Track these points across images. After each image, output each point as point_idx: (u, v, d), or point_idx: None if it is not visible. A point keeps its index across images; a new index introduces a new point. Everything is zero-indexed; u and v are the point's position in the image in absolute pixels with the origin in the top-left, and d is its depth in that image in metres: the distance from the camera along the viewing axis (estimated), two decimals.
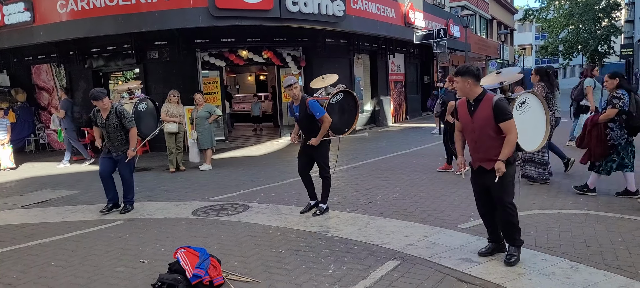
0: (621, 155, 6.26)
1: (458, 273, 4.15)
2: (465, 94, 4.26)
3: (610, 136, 6.26)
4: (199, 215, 6.56)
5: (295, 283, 4.13)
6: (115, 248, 5.31)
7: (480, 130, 4.19)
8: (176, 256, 4.29)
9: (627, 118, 6.11)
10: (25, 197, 8.33)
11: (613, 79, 6.31)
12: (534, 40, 61.39)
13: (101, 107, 6.62)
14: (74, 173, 10.66)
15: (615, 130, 6.22)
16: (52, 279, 4.51)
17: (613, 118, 6.18)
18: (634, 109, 6.09)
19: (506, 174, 4.21)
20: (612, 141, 6.26)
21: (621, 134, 6.21)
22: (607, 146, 6.29)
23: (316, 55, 14.85)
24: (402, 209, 6.32)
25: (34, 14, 12.13)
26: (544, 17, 42.13)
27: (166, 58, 13.43)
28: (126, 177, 6.81)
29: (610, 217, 5.51)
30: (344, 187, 7.89)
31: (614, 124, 6.21)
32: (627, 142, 6.26)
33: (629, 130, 6.20)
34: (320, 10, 12.58)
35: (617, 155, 6.28)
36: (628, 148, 6.27)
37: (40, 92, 15.15)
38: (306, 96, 6.12)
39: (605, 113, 6.22)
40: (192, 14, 11.48)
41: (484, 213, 4.51)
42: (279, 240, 5.28)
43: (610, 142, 6.27)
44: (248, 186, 8.26)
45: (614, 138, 6.24)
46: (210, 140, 10.20)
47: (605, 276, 3.95)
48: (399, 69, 20.59)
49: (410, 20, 18.12)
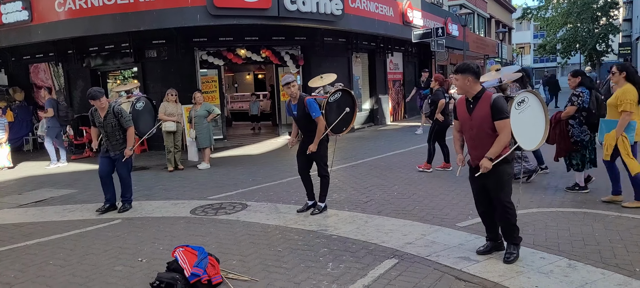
0: (587, 151, 6.50)
1: (456, 271, 4.16)
2: (465, 91, 4.26)
3: (571, 132, 6.45)
4: (198, 214, 6.55)
5: (294, 282, 4.13)
6: (114, 247, 5.31)
7: (478, 128, 4.19)
8: (174, 255, 4.29)
9: (587, 115, 6.33)
10: (23, 196, 8.31)
11: (575, 77, 6.49)
12: (532, 39, 61.44)
13: (99, 106, 6.61)
14: (71, 172, 10.64)
15: (575, 126, 6.42)
16: (51, 278, 4.51)
17: (573, 115, 6.37)
18: (593, 106, 6.31)
19: (504, 173, 4.22)
20: (574, 137, 6.44)
21: (582, 130, 6.40)
22: (571, 142, 6.47)
23: (314, 54, 14.85)
24: (400, 208, 6.33)
25: (32, 12, 12.10)
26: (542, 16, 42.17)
27: (164, 57, 13.40)
28: (124, 176, 6.81)
29: (608, 216, 5.52)
30: (342, 185, 7.89)
31: (574, 121, 6.42)
32: (590, 138, 6.48)
33: (589, 127, 6.40)
34: (318, 9, 12.57)
35: (584, 149, 6.49)
36: (591, 146, 6.51)
37: (38, 91, 15.10)
38: (304, 95, 6.13)
39: (565, 110, 6.44)
40: (190, 12, 11.46)
41: (483, 212, 4.51)
42: (278, 239, 5.28)
43: (573, 138, 6.45)
44: (246, 185, 8.26)
45: (575, 134, 6.43)
46: (208, 139, 10.19)
47: (603, 274, 3.96)
48: (397, 68, 20.58)
49: (409, 19, 18.11)
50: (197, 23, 11.60)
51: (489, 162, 4.10)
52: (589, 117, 6.33)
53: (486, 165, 4.10)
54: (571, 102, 6.37)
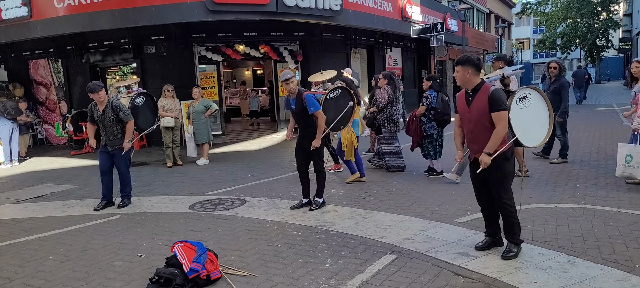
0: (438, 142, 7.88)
1: (455, 267, 4.16)
2: (464, 83, 4.26)
3: (424, 127, 7.79)
4: (196, 209, 6.56)
5: (292, 277, 4.13)
6: (113, 242, 5.32)
7: (476, 121, 4.18)
8: (173, 250, 4.29)
9: (435, 113, 7.66)
10: (23, 192, 8.32)
11: (427, 82, 7.90)
12: (532, 34, 61.35)
13: (97, 100, 6.62)
14: (71, 168, 10.64)
15: (426, 123, 7.77)
16: (50, 273, 4.51)
17: (424, 113, 7.72)
18: (440, 106, 7.64)
19: (504, 170, 4.21)
20: (426, 132, 7.80)
21: (431, 126, 7.76)
22: (423, 135, 7.85)
23: (313, 49, 14.82)
24: (399, 203, 6.33)
25: (31, 9, 12.08)
26: (542, 11, 42.12)
27: (163, 53, 13.39)
28: (123, 171, 6.81)
29: (607, 211, 5.53)
30: (341, 181, 7.89)
31: (425, 118, 7.77)
32: (438, 133, 7.83)
33: (438, 123, 7.74)
34: (317, 5, 12.54)
35: (434, 141, 7.85)
36: (439, 139, 7.88)
37: (37, 87, 15.10)
38: (303, 90, 6.13)
39: (418, 109, 7.84)
40: (188, 8, 11.44)
41: (484, 206, 4.50)
42: (276, 235, 5.29)
43: (426, 132, 7.81)
44: (245, 180, 8.26)
45: (427, 129, 7.79)
46: (207, 135, 10.18)
47: (602, 270, 3.96)
48: (396, 63, 20.56)
49: (408, 14, 18.07)
50: (195, 19, 11.58)
51: (488, 157, 4.09)
52: (436, 115, 7.66)
53: (485, 160, 4.10)
54: (422, 102, 7.75)
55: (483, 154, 4.11)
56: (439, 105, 7.61)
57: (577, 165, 8.20)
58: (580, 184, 6.87)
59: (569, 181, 7.08)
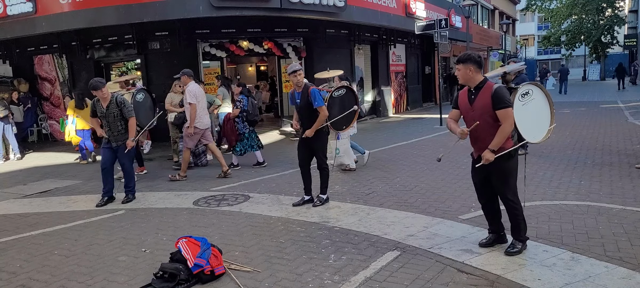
0: (249, 141, 8.94)
1: (458, 263, 4.16)
2: (467, 81, 4.23)
3: (237, 128, 8.87)
4: (200, 205, 6.58)
5: (296, 273, 4.14)
6: (118, 237, 5.34)
7: (479, 118, 4.15)
8: (178, 246, 4.31)
9: (247, 115, 8.83)
10: (28, 187, 8.36)
11: (238, 88, 9.02)
12: (537, 31, 61.04)
13: (100, 96, 6.64)
14: (76, 163, 10.68)
15: (239, 123, 8.86)
16: (55, 268, 4.54)
17: (237, 115, 8.79)
18: (251, 109, 8.85)
19: (507, 168, 4.19)
20: (239, 131, 8.88)
21: (244, 126, 8.88)
22: (237, 134, 8.91)
23: (317, 45, 14.80)
24: (402, 200, 6.33)
25: (36, 4, 12.09)
26: (547, 7, 41.94)
27: (167, 49, 13.41)
28: (126, 166, 6.84)
29: (612, 209, 5.51)
30: (344, 177, 7.90)
31: (238, 119, 8.85)
32: (250, 131, 8.97)
33: (249, 123, 8.93)
34: (320, 1, 12.52)
35: (246, 140, 8.91)
36: (252, 135, 9.02)
37: (42, 83, 15.15)
38: (309, 84, 6.14)
39: (232, 112, 8.97)
40: (192, 4, 11.45)
41: (485, 204, 4.49)
42: (280, 231, 5.30)
43: (239, 132, 8.88)
44: (249, 176, 8.28)
45: (240, 129, 8.88)
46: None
47: (606, 267, 3.95)
48: (400, 60, 20.52)
49: (412, 11, 18.02)
50: (199, 14, 11.58)
51: (492, 154, 4.08)
52: (247, 116, 8.83)
53: (488, 157, 4.08)
54: (236, 106, 8.85)
55: (487, 151, 4.09)
56: (249, 108, 8.81)
57: (581, 162, 8.18)
58: (584, 181, 6.86)
59: (573, 178, 7.06)
